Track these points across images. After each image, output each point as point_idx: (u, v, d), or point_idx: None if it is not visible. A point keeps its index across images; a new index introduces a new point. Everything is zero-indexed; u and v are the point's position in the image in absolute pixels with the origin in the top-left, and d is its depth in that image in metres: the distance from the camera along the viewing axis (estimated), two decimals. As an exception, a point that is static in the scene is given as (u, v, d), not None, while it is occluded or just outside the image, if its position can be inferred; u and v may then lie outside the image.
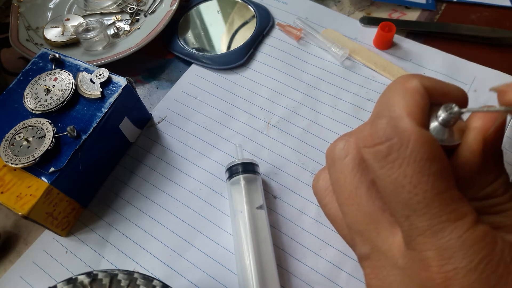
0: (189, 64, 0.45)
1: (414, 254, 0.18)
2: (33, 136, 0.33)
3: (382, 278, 0.20)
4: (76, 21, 0.48)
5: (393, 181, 0.18)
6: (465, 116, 0.20)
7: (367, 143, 0.19)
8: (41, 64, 0.38)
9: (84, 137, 0.33)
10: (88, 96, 0.35)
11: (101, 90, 0.35)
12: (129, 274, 0.25)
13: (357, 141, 0.22)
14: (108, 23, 0.48)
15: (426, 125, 0.19)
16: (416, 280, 0.18)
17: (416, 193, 0.18)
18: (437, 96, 0.20)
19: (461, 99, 0.21)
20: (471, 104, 0.39)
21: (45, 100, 0.35)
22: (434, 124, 0.19)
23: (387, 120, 0.18)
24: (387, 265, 0.20)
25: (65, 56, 0.38)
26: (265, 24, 0.46)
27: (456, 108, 0.18)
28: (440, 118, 0.19)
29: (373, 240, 0.21)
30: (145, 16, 0.49)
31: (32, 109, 0.34)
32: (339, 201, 0.23)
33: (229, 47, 0.45)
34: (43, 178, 0.32)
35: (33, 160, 0.32)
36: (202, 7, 0.49)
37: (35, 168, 0.32)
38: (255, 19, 0.47)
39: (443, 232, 0.17)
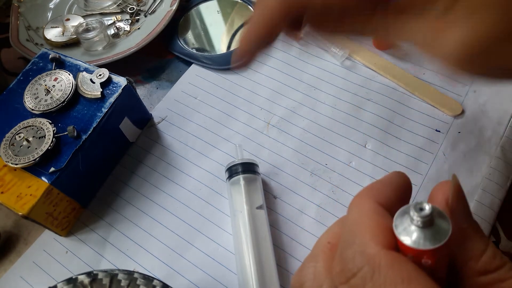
0: (189, 64, 0.45)
1: None
2: (33, 136, 0.33)
3: None
4: (76, 21, 0.48)
5: None
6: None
7: (341, 279, 0.18)
8: (41, 64, 0.38)
9: (84, 137, 0.33)
10: (88, 96, 0.35)
11: (101, 90, 0.35)
12: (129, 274, 0.25)
13: (326, 267, 0.20)
14: (108, 23, 0.48)
15: (392, 244, 0.17)
16: None
17: None
18: (394, 198, 0.19)
19: (408, 184, 0.20)
20: (470, 105, 0.39)
21: (45, 100, 0.35)
22: (411, 229, 0.17)
23: (353, 250, 0.18)
24: None
25: (65, 56, 0.38)
26: (265, 24, 0.46)
27: (427, 207, 0.16)
28: (415, 222, 0.16)
29: None
30: (145, 16, 0.49)
31: (32, 109, 0.34)
32: None
33: (229, 47, 0.45)
34: (43, 178, 0.32)
35: (33, 160, 0.32)
36: (202, 7, 0.49)
37: (35, 168, 0.32)
38: (255, 19, 0.47)
39: None
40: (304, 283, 0.20)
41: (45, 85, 0.36)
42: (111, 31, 0.47)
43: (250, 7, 0.48)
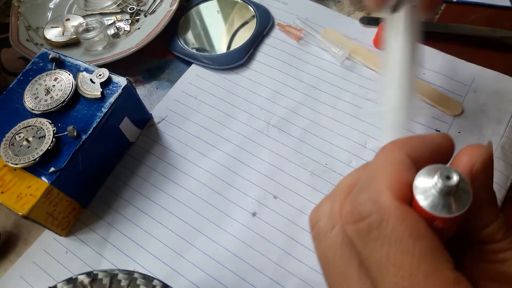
0: (189, 64, 0.45)
1: None
2: (33, 136, 0.33)
3: None
4: (76, 21, 0.48)
5: (377, 262, 0.17)
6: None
7: (349, 219, 0.18)
8: (41, 64, 0.38)
9: (84, 137, 0.33)
10: (88, 96, 0.35)
11: (101, 90, 0.35)
12: (129, 274, 0.25)
13: (341, 209, 0.20)
14: (108, 23, 0.48)
15: (408, 199, 0.17)
16: None
17: (402, 276, 0.16)
18: (428, 157, 0.18)
19: (449, 148, 0.19)
20: (470, 105, 0.39)
21: (45, 100, 0.35)
22: (431, 192, 0.16)
23: (367, 195, 0.17)
24: None
25: (65, 56, 0.38)
26: (265, 24, 0.46)
27: (455, 177, 0.15)
28: (438, 187, 0.16)
29: None
30: (145, 16, 0.49)
31: (32, 109, 0.34)
32: (327, 279, 0.21)
33: (229, 47, 0.45)
34: (43, 178, 0.32)
35: (33, 160, 0.32)
36: (202, 7, 0.49)
37: (35, 168, 0.32)
38: (255, 19, 0.47)
39: None
40: (319, 221, 0.21)
41: (45, 85, 0.36)
42: (111, 31, 0.47)
43: (250, 7, 0.48)
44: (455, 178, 0.15)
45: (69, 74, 0.36)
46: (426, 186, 0.16)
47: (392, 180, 0.17)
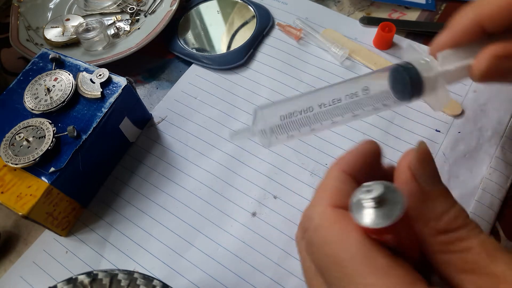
0: (189, 64, 0.45)
1: None
2: (33, 136, 0.33)
3: None
4: (76, 21, 0.48)
5: (319, 266, 0.19)
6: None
7: (300, 234, 0.21)
8: (41, 64, 0.38)
9: (84, 137, 0.33)
10: (88, 96, 0.35)
11: (101, 90, 0.35)
12: (129, 274, 0.25)
13: None
14: (108, 23, 0.48)
15: (343, 204, 0.19)
16: None
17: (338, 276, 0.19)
18: (360, 165, 0.21)
19: (376, 151, 0.21)
20: (470, 105, 0.39)
21: (45, 100, 0.35)
22: (364, 209, 0.17)
23: (308, 209, 0.20)
24: None
25: (65, 56, 0.38)
26: (265, 24, 0.46)
27: (375, 191, 0.16)
28: (367, 203, 0.17)
29: None
30: (145, 16, 0.49)
31: (32, 109, 0.34)
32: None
33: (229, 47, 0.45)
34: (43, 178, 0.32)
35: (33, 160, 0.32)
36: (202, 7, 0.49)
37: (35, 168, 0.32)
38: (255, 19, 0.47)
39: None
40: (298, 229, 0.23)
41: (45, 85, 0.36)
42: (111, 31, 0.47)
43: (250, 7, 0.48)
44: (375, 190, 0.16)
45: (69, 74, 0.36)
46: (359, 206, 0.17)
47: (327, 193, 0.20)
